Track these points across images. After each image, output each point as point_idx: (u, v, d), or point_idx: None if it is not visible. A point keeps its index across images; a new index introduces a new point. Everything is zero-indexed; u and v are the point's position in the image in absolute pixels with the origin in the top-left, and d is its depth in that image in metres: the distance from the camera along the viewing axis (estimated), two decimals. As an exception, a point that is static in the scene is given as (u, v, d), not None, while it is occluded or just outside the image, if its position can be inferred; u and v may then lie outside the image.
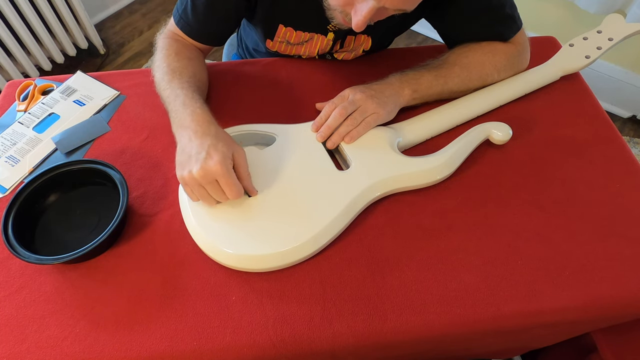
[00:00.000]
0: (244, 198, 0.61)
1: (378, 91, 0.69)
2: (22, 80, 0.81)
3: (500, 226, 0.63)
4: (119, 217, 0.58)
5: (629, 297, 0.57)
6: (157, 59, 0.71)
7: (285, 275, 0.58)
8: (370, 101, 0.67)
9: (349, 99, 0.68)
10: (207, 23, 0.72)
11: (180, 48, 0.72)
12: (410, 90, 0.71)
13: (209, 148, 0.56)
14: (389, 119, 0.70)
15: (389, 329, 0.55)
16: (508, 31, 0.75)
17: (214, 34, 0.76)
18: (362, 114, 0.67)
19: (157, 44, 0.74)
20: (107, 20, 2.04)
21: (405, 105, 0.72)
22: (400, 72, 0.73)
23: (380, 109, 0.67)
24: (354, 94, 0.68)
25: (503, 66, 0.75)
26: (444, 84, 0.72)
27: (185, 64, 0.70)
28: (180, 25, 0.73)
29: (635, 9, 1.33)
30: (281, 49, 0.81)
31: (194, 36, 0.74)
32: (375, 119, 0.67)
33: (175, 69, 0.68)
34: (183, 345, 0.53)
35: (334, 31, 0.75)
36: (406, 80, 0.71)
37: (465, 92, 0.75)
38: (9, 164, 0.70)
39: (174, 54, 0.70)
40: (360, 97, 0.67)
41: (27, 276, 0.59)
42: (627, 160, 0.70)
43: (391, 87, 0.71)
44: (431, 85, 0.72)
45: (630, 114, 1.67)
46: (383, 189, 0.64)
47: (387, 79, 0.72)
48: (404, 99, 0.71)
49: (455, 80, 0.73)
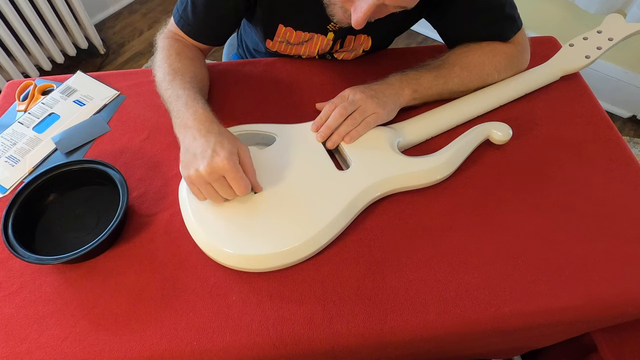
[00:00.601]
0: (245, 198, 0.61)
1: (378, 91, 0.69)
2: (22, 80, 0.81)
3: (500, 226, 0.63)
4: (119, 217, 0.58)
5: (628, 297, 0.57)
6: (158, 59, 0.71)
7: (285, 275, 0.58)
8: (370, 101, 0.67)
9: (349, 99, 0.68)
10: (207, 23, 0.72)
11: (181, 48, 0.72)
12: (410, 90, 0.71)
13: (215, 145, 0.56)
14: (389, 118, 0.70)
15: (389, 329, 0.55)
16: (508, 31, 0.75)
17: (214, 34, 0.76)
18: (362, 114, 0.67)
19: (157, 44, 0.74)
20: (107, 20, 2.04)
21: (405, 105, 0.72)
22: (401, 72, 0.73)
23: (380, 109, 0.67)
24: (354, 94, 0.68)
25: (503, 66, 0.75)
26: (444, 84, 0.72)
27: (186, 64, 0.70)
28: (180, 25, 0.73)
29: (635, 9, 1.33)
30: (281, 49, 0.81)
31: (194, 36, 0.74)
32: (375, 119, 0.67)
33: (177, 69, 0.68)
34: (183, 345, 0.53)
35: (333, 31, 0.75)
36: (406, 81, 0.71)
37: (465, 92, 0.75)
38: (9, 164, 0.70)
39: (175, 54, 0.70)
40: (360, 97, 0.67)
41: (27, 276, 0.59)
42: (627, 160, 0.70)
43: (391, 87, 0.71)
44: (431, 86, 0.72)
45: (630, 114, 1.67)
46: (383, 189, 0.64)
47: (387, 79, 0.72)
48: (404, 99, 0.71)
49: (455, 81, 0.73)
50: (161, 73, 0.69)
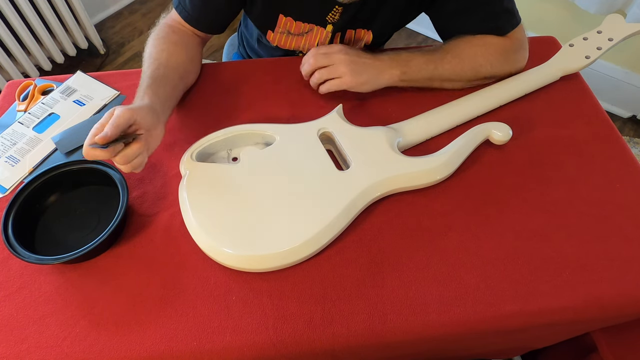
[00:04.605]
0: (245, 198, 0.61)
1: (360, 59, 0.71)
2: (22, 80, 0.81)
3: (500, 226, 0.63)
4: (119, 217, 0.58)
5: (629, 297, 0.57)
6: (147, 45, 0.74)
7: (285, 275, 0.58)
8: (345, 65, 0.69)
9: (331, 52, 0.70)
10: (204, 11, 0.74)
11: (166, 32, 0.74)
12: (399, 71, 0.72)
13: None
14: (358, 89, 0.71)
15: (389, 329, 0.55)
16: (506, 25, 0.75)
17: (211, 22, 0.77)
18: (330, 73, 0.70)
19: (155, 27, 0.77)
20: (107, 20, 2.04)
21: (392, 85, 0.73)
22: (395, 52, 0.75)
23: (350, 76, 0.69)
24: (338, 51, 0.70)
25: (496, 59, 0.75)
26: (434, 69, 0.74)
27: (161, 49, 0.71)
28: (178, 11, 0.75)
29: (635, 9, 1.33)
30: (282, 42, 0.82)
31: (192, 23, 0.76)
32: (338, 84, 0.70)
33: (151, 55, 0.70)
34: (183, 345, 0.53)
35: (332, 23, 0.76)
36: (397, 60, 0.73)
37: (457, 82, 0.76)
38: (9, 164, 0.70)
39: (157, 39, 0.73)
40: (338, 57, 0.70)
41: (27, 276, 0.59)
42: (627, 160, 0.70)
43: (378, 62, 0.72)
44: (421, 69, 0.73)
45: (630, 114, 1.67)
46: (383, 189, 0.64)
47: (380, 54, 0.74)
48: (392, 79, 0.72)
49: (446, 67, 0.74)
50: (143, 60, 0.71)
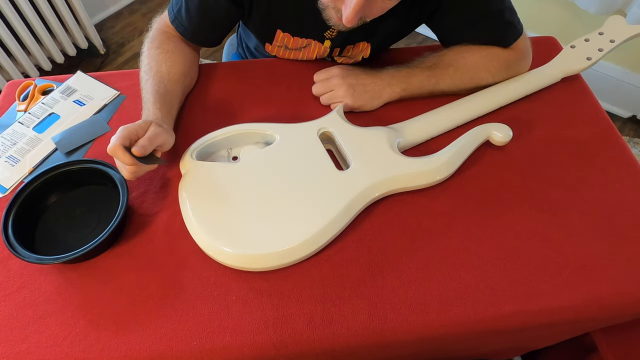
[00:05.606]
0: (245, 197, 0.61)
1: (359, 82, 0.73)
2: (22, 80, 0.81)
3: (500, 226, 0.63)
4: (119, 217, 0.58)
5: (628, 296, 0.58)
6: (142, 53, 0.75)
7: (285, 275, 0.58)
8: (343, 89, 0.72)
9: (331, 77, 0.74)
10: (201, 25, 0.74)
11: (162, 40, 0.75)
12: (399, 88, 0.74)
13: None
14: (359, 110, 0.74)
15: (389, 329, 0.55)
16: (508, 37, 0.75)
17: (206, 37, 0.78)
18: (331, 98, 0.73)
19: (150, 28, 0.77)
20: (107, 20, 2.04)
21: (391, 100, 0.75)
22: (395, 68, 0.75)
23: (349, 99, 0.72)
24: (336, 76, 0.73)
25: (498, 71, 0.75)
26: (435, 84, 0.74)
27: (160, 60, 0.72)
28: (175, 25, 0.75)
29: (636, 9, 1.33)
30: (280, 54, 0.82)
31: (188, 37, 0.76)
32: (342, 105, 0.72)
33: (152, 67, 0.71)
34: (183, 345, 0.53)
35: (330, 39, 0.75)
36: (397, 77, 0.74)
37: (457, 93, 0.76)
38: (9, 164, 0.70)
39: (154, 48, 0.74)
40: (337, 82, 0.72)
41: (27, 276, 0.59)
42: (627, 160, 0.70)
43: (378, 80, 0.73)
44: (422, 85, 0.74)
45: (630, 114, 1.67)
46: (383, 189, 0.64)
47: (381, 72, 0.74)
48: (392, 96, 0.74)
49: (448, 82, 0.74)
50: (142, 71, 0.72)
